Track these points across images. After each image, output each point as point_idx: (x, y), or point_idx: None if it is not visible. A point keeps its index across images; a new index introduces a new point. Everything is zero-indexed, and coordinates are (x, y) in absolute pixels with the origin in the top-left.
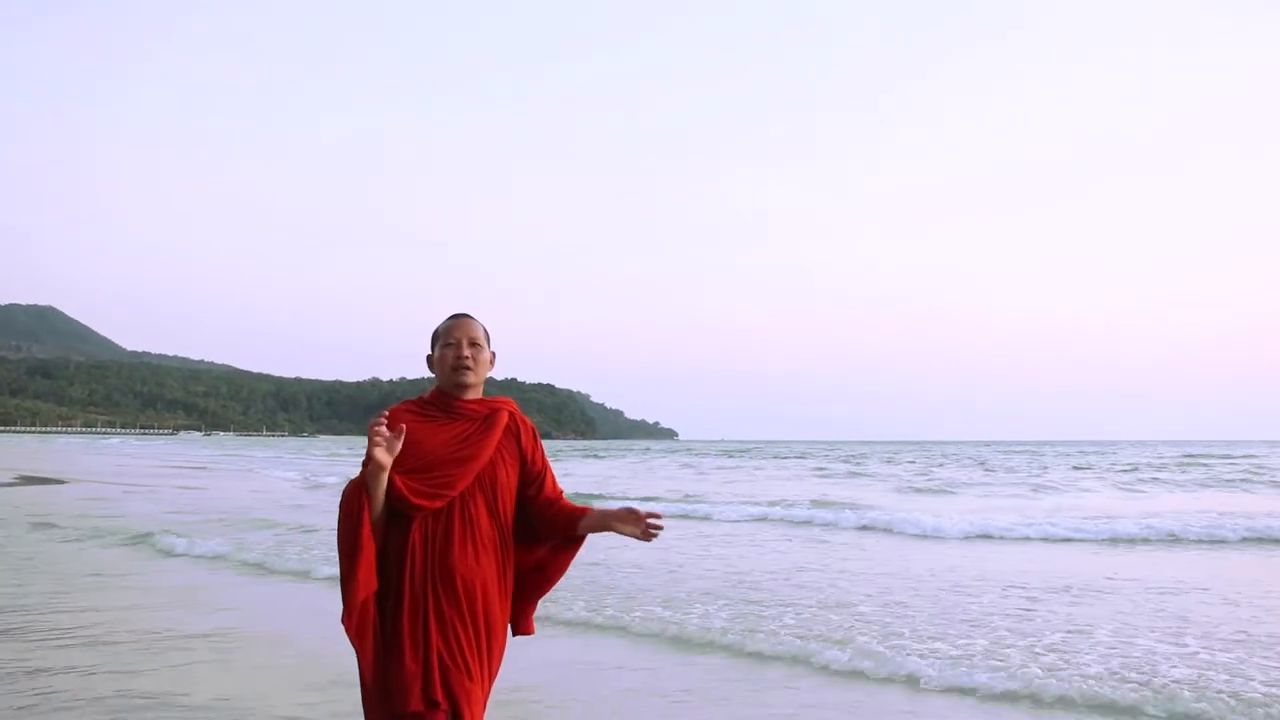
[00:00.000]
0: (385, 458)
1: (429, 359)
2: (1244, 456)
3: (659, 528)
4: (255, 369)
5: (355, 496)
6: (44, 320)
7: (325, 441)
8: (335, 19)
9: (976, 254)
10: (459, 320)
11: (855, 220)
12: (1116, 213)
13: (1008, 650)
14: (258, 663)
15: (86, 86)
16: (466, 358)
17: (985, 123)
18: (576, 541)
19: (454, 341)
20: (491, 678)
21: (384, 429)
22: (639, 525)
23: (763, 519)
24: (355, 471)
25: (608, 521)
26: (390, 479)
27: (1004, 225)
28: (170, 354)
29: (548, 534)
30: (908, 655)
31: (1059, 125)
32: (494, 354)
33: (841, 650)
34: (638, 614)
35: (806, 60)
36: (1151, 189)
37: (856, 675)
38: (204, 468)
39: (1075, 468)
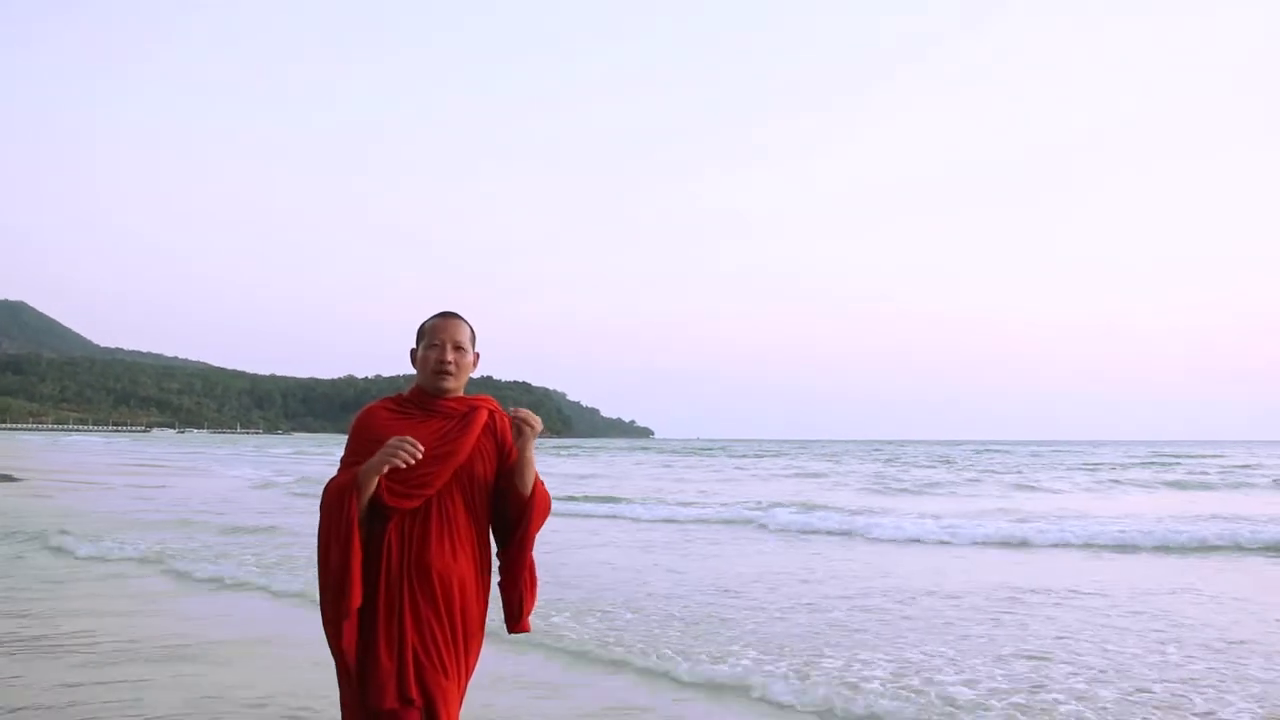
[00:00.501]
0: (385, 469)
1: (412, 353)
2: (1213, 456)
3: (520, 416)
4: (230, 366)
5: (344, 497)
6: (14, 316)
7: (299, 439)
8: (307, 17)
9: (959, 254)
10: (446, 320)
11: (834, 221)
12: (1116, 210)
13: (974, 676)
14: (203, 676)
15: (56, 80)
16: (449, 363)
17: (962, 120)
18: (525, 502)
19: (438, 343)
20: (468, 675)
21: (419, 456)
22: (519, 427)
23: (746, 521)
24: (316, 470)
25: (518, 453)
26: None
27: (984, 223)
28: (144, 350)
29: (516, 517)
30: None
31: (1038, 121)
32: (478, 355)
33: (793, 681)
34: (592, 621)
35: (779, 62)
36: (1130, 188)
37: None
38: (164, 465)
39: (1040, 468)
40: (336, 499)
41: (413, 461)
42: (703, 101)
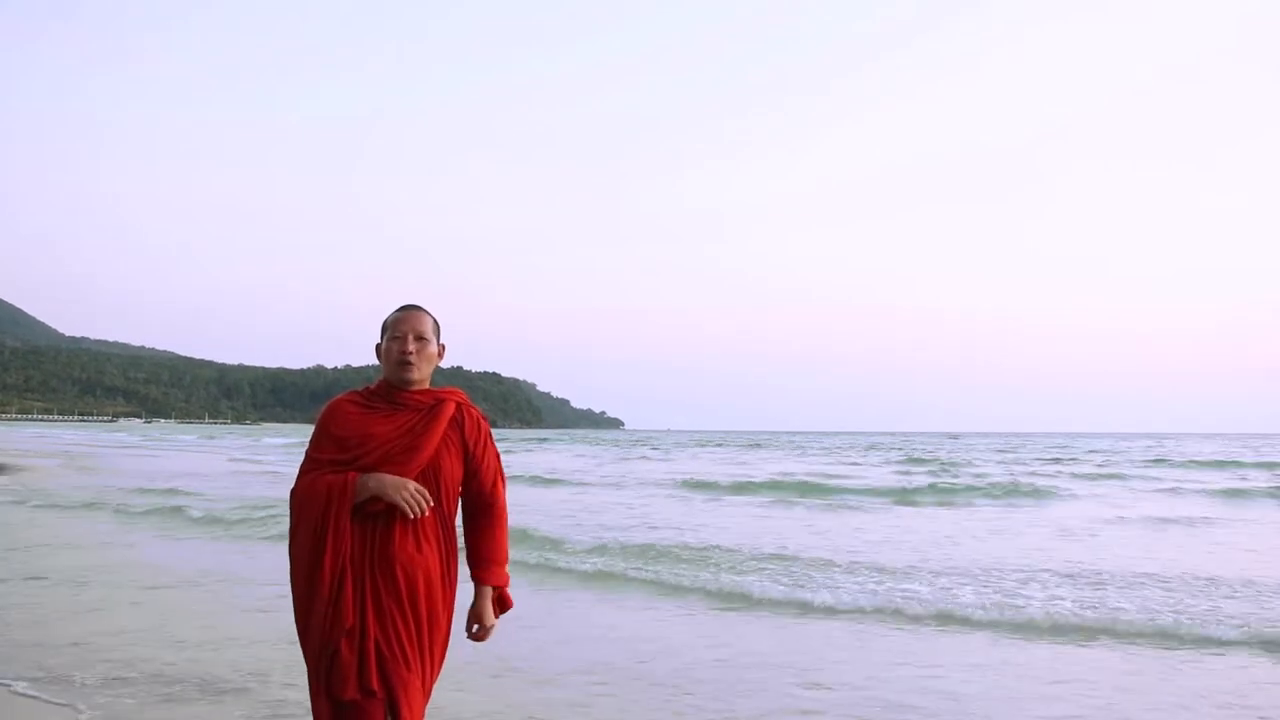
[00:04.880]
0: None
1: (377, 348)
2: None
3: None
4: (198, 355)
5: (339, 503)
6: None
7: (266, 430)
8: (288, 14)
9: (931, 248)
10: (408, 313)
11: (811, 216)
12: (1093, 204)
13: None
14: None
15: (26, 73)
16: (410, 353)
17: (936, 115)
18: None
19: (400, 335)
20: (433, 668)
21: (427, 512)
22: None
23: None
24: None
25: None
26: None
27: (951, 220)
28: (110, 339)
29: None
30: None
31: (1013, 116)
32: (443, 346)
33: None
34: None
35: (757, 57)
36: (1101, 181)
37: None
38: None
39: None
40: (325, 502)
41: (421, 515)
42: (680, 97)
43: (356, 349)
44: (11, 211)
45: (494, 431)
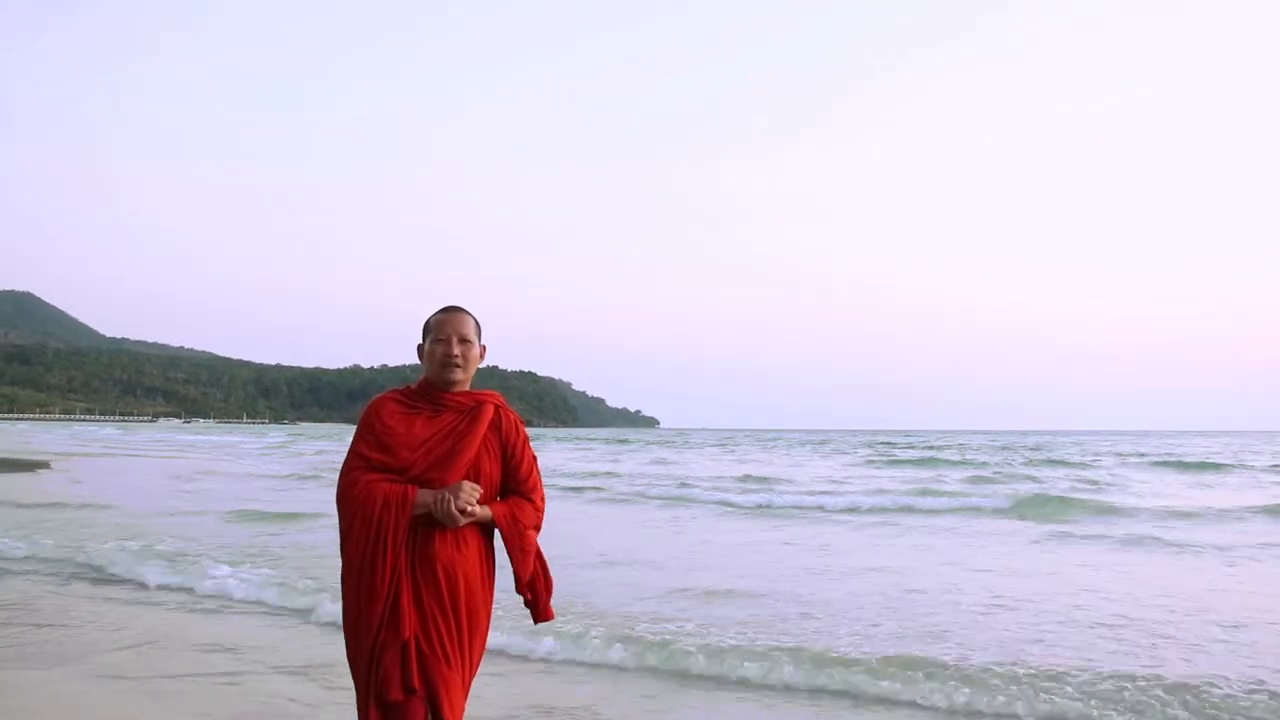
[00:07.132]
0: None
1: (419, 349)
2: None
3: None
4: (236, 356)
5: (391, 523)
6: (21, 306)
7: (303, 430)
8: (332, 5)
9: (959, 242)
10: (451, 314)
11: (840, 210)
12: (1106, 202)
13: None
14: None
15: (65, 72)
16: (456, 355)
17: (964, 110)
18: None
19: (444, 337)
20: (472, 667)
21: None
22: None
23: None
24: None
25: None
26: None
27: (985, 212)
28: (150, 340)
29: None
30: None
31: (1039, 110)
32: (484, 348)
33: None
34: None
35: (789, 51)
36: (1130, 178)
37: None
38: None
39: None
40: (382, 513)
41: (458, 524)
42: (715, 94)
43: (392, 348)
44: (52, 216)
45: (528, 431)
